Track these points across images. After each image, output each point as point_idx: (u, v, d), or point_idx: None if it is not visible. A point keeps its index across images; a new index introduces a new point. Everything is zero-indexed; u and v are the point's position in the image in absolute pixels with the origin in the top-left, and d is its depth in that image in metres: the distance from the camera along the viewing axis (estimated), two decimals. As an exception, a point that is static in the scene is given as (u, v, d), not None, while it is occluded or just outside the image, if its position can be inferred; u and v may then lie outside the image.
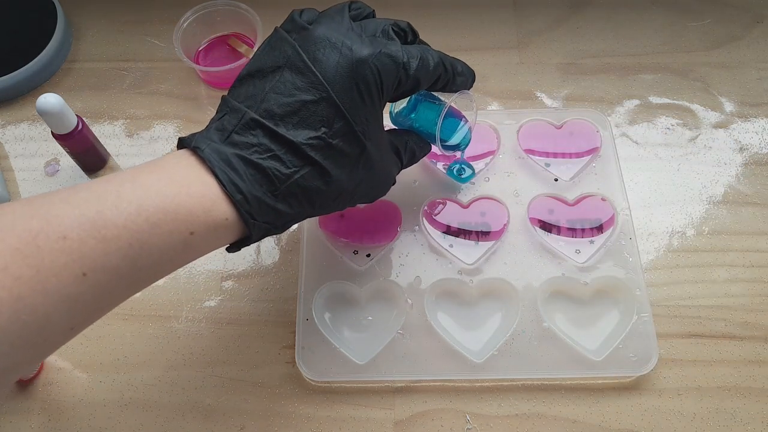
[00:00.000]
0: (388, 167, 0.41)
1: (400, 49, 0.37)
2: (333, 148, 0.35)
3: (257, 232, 0.35)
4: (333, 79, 0.35)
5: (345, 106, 0.35)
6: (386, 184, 0.42)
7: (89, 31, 0.65)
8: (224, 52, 0.62)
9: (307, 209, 0.37)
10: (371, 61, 0.35)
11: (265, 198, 0.34)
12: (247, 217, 0.33)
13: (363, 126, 0.36)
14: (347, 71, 0.35)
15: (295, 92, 0.35)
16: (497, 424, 0.45)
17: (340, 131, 0.35)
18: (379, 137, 0.38)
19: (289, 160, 0.34)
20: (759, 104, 0.58)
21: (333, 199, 0.38)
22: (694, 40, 0.62)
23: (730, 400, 0.46)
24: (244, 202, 0.33)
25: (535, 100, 0.59)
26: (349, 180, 0.37)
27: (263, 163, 0.34)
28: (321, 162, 0.35)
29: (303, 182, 0.35)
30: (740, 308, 0.49)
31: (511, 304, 0.48)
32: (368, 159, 0.37)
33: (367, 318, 0.49)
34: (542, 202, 0.52)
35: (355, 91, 0.35)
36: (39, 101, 0.48)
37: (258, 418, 0.46)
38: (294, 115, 0.35)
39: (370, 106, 0.36)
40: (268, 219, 0.35)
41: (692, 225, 0.53)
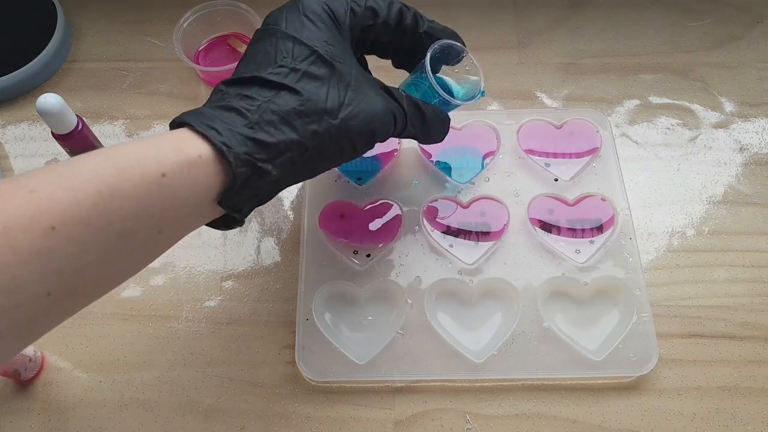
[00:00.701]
0: (376, 97, 0.38)
1: None
2: (299, 72, 0.35)
3: (240, 166, 0.32)
4: (286, 23, 0.37)
5: (297, 33, 0.36)
6: (381, 114, 0.38)
7: (89, 31, 0.65)
8: (224, 52, 0.62)
9: (291, 136, 0.34)
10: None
11: (241, 130, 0.33)
12: (221, 146, 0.32)
13: (325, 48, 0.36)
14: (294, 10, 0.37)
15: (257, 48, 0.36)
16: (497, 424, 0.45)
17: (302, 55, 0.36)
18: (351, 62, 0.38)
19: (259, 93, 0.34)
20: (759, 104, 0.58)
21: (319, 124, 0.35)
22: (694, 40, 0.62)
23: (730, 400, 0.46)
24: (216, 135, 0.32)
25: (535, 100, 0.59)
26: (328, 99, 0.35)
27: (234, 104, 0.34)
28: (291, 85, 0.35)
29: (276, 107, 0.34)
30: (740, 308, 0.49)
31: (511, 304, 0.48)
32: (342, 78, 0.36)
33: (367, 318, 0.49)
34: (542, 202, 0.52)
35: (305, 20, 0.37)
36: (39, 101, 0.48)
37: (258, 418, 0.46)
38: (256, 61, 0.36)
39: (326, 31, 0.37)
40: (248, 150, 0.33)
41: (692, 225, 0.53)
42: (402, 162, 0.55)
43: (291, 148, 0.34)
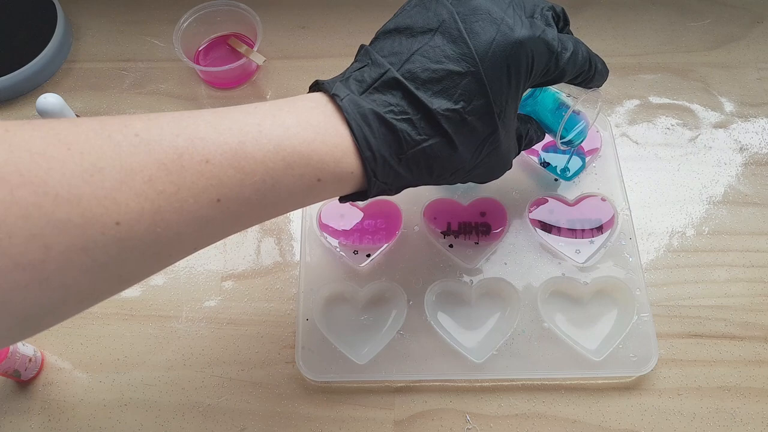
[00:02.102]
0: (510, 151, 0.40)
1: (556, 36, 0.36)
2: (466, 125, 0.35)
3: (374, 190, 0.35)
4: (485, 55, 0.34)
5: (490, 85, 0.34)
6: (504, 168, 0.41)
7: (89, 31, 0.65)
8: (224, 52, 0.62)
9: (424, 177, 0.36)
10: (528, 45, 0.34)
11: (391, 160, 0.34)
12: (371, 174, 0.33)
13: (501, 108, 0.35)
14: (502, 50, 0.34)
15: (443, 60, 0.34)
16: (497, 424, 0.45)
17: (478, 109, 0.34)
18: (511, 121, 0.38)
19: (422, 127, 0.34)
20: (759, 104, 0.58)
21: (451, 173, 0.37)
22: (694, 40, 0.62)
23: (730, 400, 0.46)
24: (371, 160, 0.33)
25: (535, 100, 0.59)
26: (473, 158, 0.37)
27: (396, 125, 0.33)
28: (451, 135, 0.34)
29: (430, 151, 0.34)
30: (740, 308, 0.49)
31: (511, 304, 0.48)
32: (495, 140, 0.36)
33: (367, 318, 0.49)
34: (542, 202, 0.52)
35: (505, 72, 0.34)
36: (39, 101, 0.48)
37: (258, 418, 0.46)
38: (437, 83, 0.34)
39: (514, 90, 0.35)
40: (387, 180, 0.35)
41: (692, 225, 0.53)
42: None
43: (419, 182, 0.37)
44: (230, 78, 0.60)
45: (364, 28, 0.64)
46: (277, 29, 0.64)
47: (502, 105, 0.35)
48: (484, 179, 0.41)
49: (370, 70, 0.35)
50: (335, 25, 0.64)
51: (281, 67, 0.62)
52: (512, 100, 0.36)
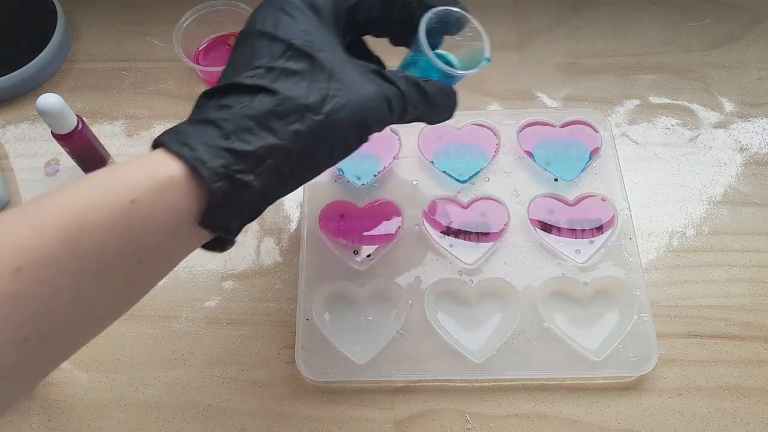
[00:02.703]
0: (365, 81, 0.34)
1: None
2: (275, 70, 0.33)
3: (216, 180, 0.30)
4: (260, 20, 0.35)
5: (272, 29, 0.34)
6: (371, 100, 0.34)
7: (89, 31, 0.65)
8: (224, 52, 0.62)
9: (270, 140, 0.31)
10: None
11: (215, 141, 0.31)
12: (194, 162, 0.30)
13: (303, 39, 0.34)
14: (268, 6, 0.35)
15: (236, 50, 0.35)
16: (497, 424, 0.45)
17: (278, 52, 0.33)
18: (335, 49, 0.35)
19: (236, 100, 0.32)
20: (759, 104, 0.58)
21: (301, 122, 0.32)
22: (694, 40, 0.62)
23: (730, 400, 0.46)
24: (188, 151, 0.30)
25: (535, 100, 0.59)
26: (309, 94, 0.32)
27: (209, 116, 0.32)
28: (267, 85, 0.32)
29: (252, 111, 0.31)
30: (740, 308, 0.49)
31: (511, 304, 0.48)
32: (323, 68, 0.33)
33: (367, 318, 0.49)
34: (542, 202, 0.52)
35: (281, 14, 0.34)
36: (39, 101, 0.48)
37: (258, 418, 0.46)
38: (233, 67, 0.34)
39: (304, 20, 0.34)
40: (224, 162, 0.30)
41: (692, 225, 0.53)
42: (402, 162, 0.55)
43: (272, 154, 0.31)
44: (230, 78, 0.60)
45: (364, 28, 0.64)
46: (277, 29, 0.64)
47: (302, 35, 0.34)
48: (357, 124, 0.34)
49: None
50: (335, 25, 0.64)
51: (281, 67, 0.62)
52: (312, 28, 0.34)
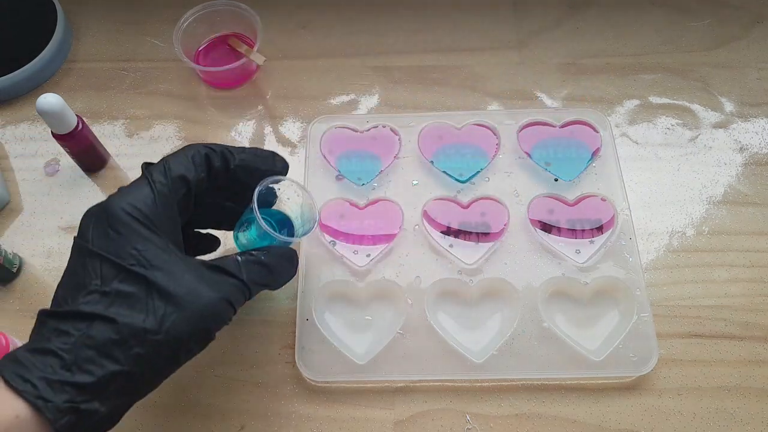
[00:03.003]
0: (202, 289, 0.35)
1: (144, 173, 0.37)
2: (111, 295, 0.33)
3: (61, 417, 0.31)
4: (91, 237, 0.35)
5: (105, 250, 0.34)
6: (210, 310, 0.35)
7: (89, 31, 0.65)
8: (224, 52, 0.62)
9: (115, 370, 0.32)
10: (116, 201, 0.35)
11: (56, 376, 0.31)
12: (38, 402, 0.30)
13: (135, 259, 0.34)
14: (98, 222, 0.35)
15: (69, 270, 0.35)
16: (497, 424, 0.45)
17: (111, 274, 0.33)
18: (169, 262, 0.35)
19: (74, 327, 0.32)
20: (759, 104, 0.58)
21: (140, 346, 0.33)
22: (694, 40, 0.62)
23: (730, 400, 0.46)
24: (30, 389, 0.30)
25: (535, 100, 0.59)
26: (149, 320, 0.33)
27: (49, 345, 0.32)
28: (103, 313, 0.32)
29: (91, 341, 0.32)
30: (740, 308, 0.49)
31: (511, 304, 0.48)
32: (160, 288, 0.34)
33: (367, 318, 0.49)
34: (542, 202, 0.52)
35: (110, 232, 0.34)
36: (39, 101, 0.48)
37: (258, 418, 0.46)
38: (69, 287, 0.34)
39: (135, 236, 0.34)
40: (68, 397, 0.31)
41: (692, 225, 0.53)
42: (402, 162, 0.55)
43: (115, 380, 0.32)
44: (230, 78, 0.60)
45: (364, 28, 0.64)
46: (277, 29, 0.64)
47: (135, 255, 0.34)
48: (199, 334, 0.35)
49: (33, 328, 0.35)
50: (335, 25, 0.64)
51: (281, 67, 0.62)
52: (142, 244, 0.34)
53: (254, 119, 0.59)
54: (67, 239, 0.54)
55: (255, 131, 0.59)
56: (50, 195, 0.56)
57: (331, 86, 0.61)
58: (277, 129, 0.58)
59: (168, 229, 0.36)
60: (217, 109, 0.60)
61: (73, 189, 0.56)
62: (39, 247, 0.53)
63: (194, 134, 0.58)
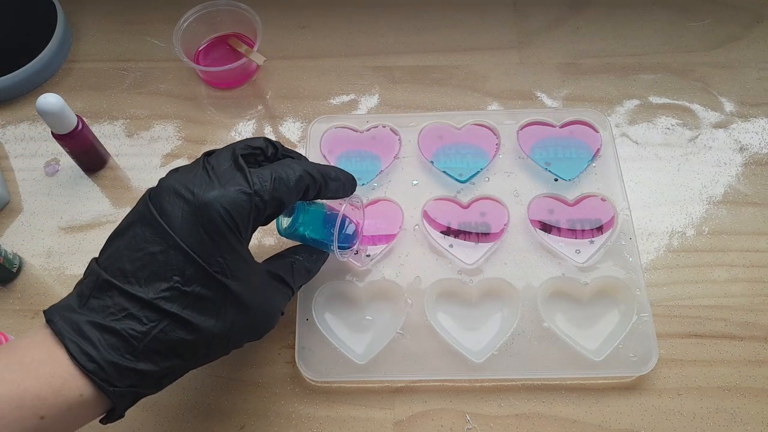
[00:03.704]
0: (269, 299, 0.39)
1: (249, 177, 0.36)
2: (190, 296, 0.34)
3: (122, 400, 0.33)
4: (179, 227, 0.34)
5: (194, 250, 0.34)
6: (271, 318, 0.39)
7: (89, 31, 0.65)
8: (224, 52, 0.62)
9: (177, 363, 0.34)
10: (217, 202, 0.34)
11: (123, 361, 0.32)
12: (104, 386, 0.32)
13: (220, 266, 0.34)
14: (191, 216, 0.34)
15: (144, 245, 0.34)
16: (497, 424, 0.45)
17: (194, 277, 0.34)
18: (247, 272, 0.36)
19: (146, 316, 0.33)
20: (759, 104, 0.58)
21: (206, 347, 0.35)
22: (694, 40, 0.62)
23: (730, 400, 0.46)
24: (98, 371, 0.32)
25: (535, 100, 0.59)
26: (219, 324, 0.35)
27: (117, 326, 0.32)
28: (179, 313, 0.33)
29: (163, 337, 0.33)
30: (740, 308, 0.49)
31: (511, 304, 0.48)
32: (236, 298, 0.35)
33: (367, 318, 0.49)
34: (542, 202, 0.52)
35: (202, 233, 0.34)
36: (39, 101, 0.48)
37: (258, 418, 0.46)
38: (144, 269, 0.34)
39: (225, 245, 0.35)
40: (131, 382, 0.33)
41: (692, 225, 0.53)
42: (402, 162, 0.55)
43: (176, 370, 0.35)
44: (230, 78, 0.60)
45: (364, 28, 0.64)
46: (277, 29, 0.64)
47: (220, 264, 0.35)
48: (257, 335, 0.39)
49: (88, 280, 0.35)
50: (335, 25, 0.64)
51: (281, 67, 0.62)
52: (230, 253, 0.35)
53: (254, 119, 0.59)
54: (67, 239, 0.54)
55: (255, 131, 0.59)
56: (50, 195, 0.56)
57: (331, 86, 0.61)
58: (277, 129, 0.58)
59: (249, 237, 0.37)
60: (217, 109, 0.60)
61: (73, 189, 0.56)
62: (39, 247, 0.53)
63: (194, 134, 0.58)
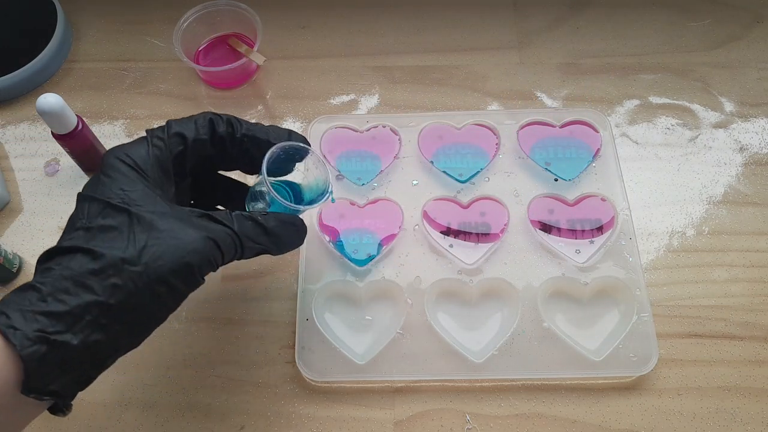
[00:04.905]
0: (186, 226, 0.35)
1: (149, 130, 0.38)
2: (92, 229, 0.33)
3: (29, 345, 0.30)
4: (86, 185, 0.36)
5: (92, 191, 0.35)
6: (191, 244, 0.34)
7: (89, 31, 0.65)
8: (224, 52, 0.62)
9: (87, 298, 0.31)
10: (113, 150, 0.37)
11: (32, 306, 0.31)
12: (6, 330, 0.30)
13: (120, 197, 0.34)
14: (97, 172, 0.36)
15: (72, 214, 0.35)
16: (497, 424, 0.45)
17: (95, 212, 0.34)
18: (155, 202, 0.35)
19: (55, 263, 0.32)
20: (759, 104, 0.58)
21: (119, 276, 0.32)
22: (694, 40, 0.62)
23: (730, 400, 0.46)
24: (3, 319, 0.30)
25: (535, 100, 0.59)
26: (129, 250, 0.33)
27: (33, 281, 0.32)
28: (83, 246, 0.32)
29: (69, 271, 0.32)
30: (740, 308, 0.49)
31: (511, 304, 0.48)
32: (142, 220, 0.34)
33: (367, 318, 0.49)
34: (542, 202, 0.52)
35: (101, 176, 0.35)
36: (39, 101, 0.48)
37: (258, 418, 0.46)
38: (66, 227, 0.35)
39: (122, 179, 0.35)
40: (39, 326, 0.30)
41: (692, 225, 0.53)
42: (402, 162, 0.55)
43: (90, 310, 0.31)
44: (230, 78, 0.60)
45: (364, 28, 0.64)
46: (277, 29, 0.64)
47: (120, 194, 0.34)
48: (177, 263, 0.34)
49: None
50: (335, 25, 0.64)
51: (281, 67, 0.62)
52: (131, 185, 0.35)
53: (254, 119, 0.59)
54: (67, 239, 0.54)
55: (255, 131, 0.58)
56: (50, 195, 0.56)
57: (331, 86, 0.61)
58: (277, 129, 0.58)
59: (159, 183, 0.37)
60: (217, 109, 0.59)
61: (73, 189, 0.56)
62: (39, 247, 0.53)
63: (194, 134, 0.58)
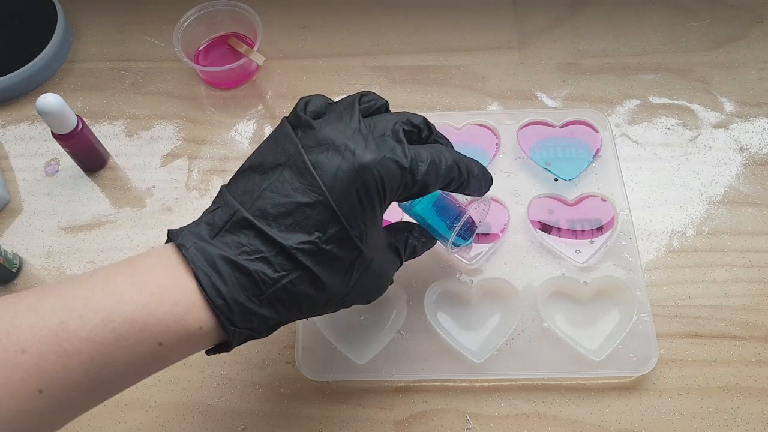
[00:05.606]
0: (385, 268, 0.39)
1: (407, 152, 0.34)
2: (325, 254, 0.33)
3: (238, 338, 0.33)
4: (332, 184, 0.33)
5: (342, 211, 0.33)
6: (383, 286, 0.40)
7: (89, 31, 0.65)
8: (224, 52, 0.62)
9: (294, 314, 0.35)
10: (374, 167, 0.33)
11: (249, 303, 0.32)
12: (227, 324, 0.32)
13: (359, 231, 0.34)
14: (348, 177, 0.33)
15: (291, 193, 0.33)
16: (497, 424, 0.45)
17: (335, 237, 0.33)
18: (377, 240, 0.36)
19: (278, 264, 0.33)
20: (759, 104, 0.58)
21: (324, 304, 0.36)
22: (694, 40, 0.62)
23: (730, 400, 0.46)
24: (225, 309, 0.31)
25: (535, 100, 0.59)
26: (342, 285, 0.35)
27: (250, 266, 0.32)
28: (311, 267, 0.33)
29: (291, 288, 0.33)
30: (740, 308, 0.49)
31: (511, 304, 0.48)
32: (363, 263, 0.35)
33: (367, 318, 0.49)
34: (542, 202, 0.52)
35: (354, 197, 0.33)
36: (39, 101, 0.48)
37: (258, 418, 0.46)
38: (288, 217, 0.33)
39: (370, 212, 0.34)
40: (250, 325, 0.33)
41: (692, 225, 0.53)
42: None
43: (290, 319, 0.36)
44: (230, 78, 0.60)
45: (364, 28, 0.64)
46: (277, 29, 0.64)
47: (360, 228, 0.34)
48: (364, 301, 0.39)
49: (221, 212, 0.34)
50: (335, 25, 0.64)
51: (281, 67, 0.62)
52: (371, 220, 0.35)
53: (254, 119, 0.59)
54: (67, 239, 0.54)
55: (255, 131, 0.59)
56: (50, 195, 0.56)
57: (331, 86, 0.61)
58: (277, 129, 0.58)
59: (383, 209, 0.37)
60: (217, 109, 0.60)
61: (73, 189, 0.56)
62: (39, 247, 0.53)
63: (194, 134, 0.58)
